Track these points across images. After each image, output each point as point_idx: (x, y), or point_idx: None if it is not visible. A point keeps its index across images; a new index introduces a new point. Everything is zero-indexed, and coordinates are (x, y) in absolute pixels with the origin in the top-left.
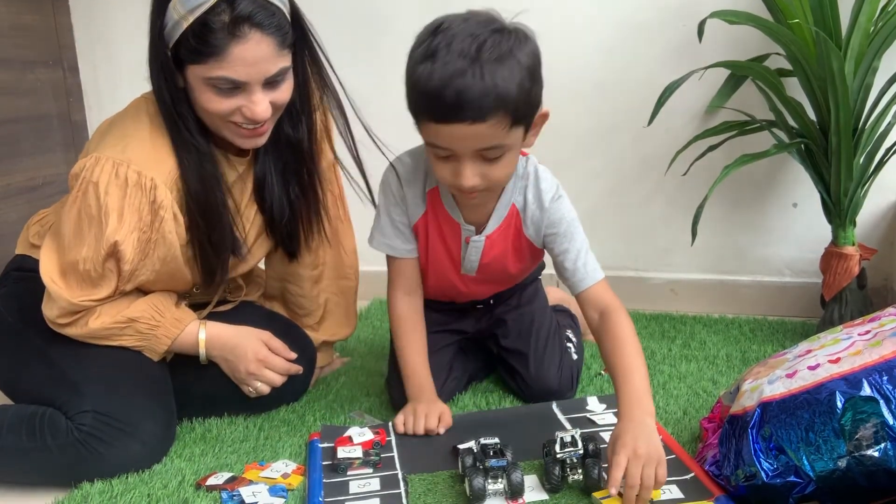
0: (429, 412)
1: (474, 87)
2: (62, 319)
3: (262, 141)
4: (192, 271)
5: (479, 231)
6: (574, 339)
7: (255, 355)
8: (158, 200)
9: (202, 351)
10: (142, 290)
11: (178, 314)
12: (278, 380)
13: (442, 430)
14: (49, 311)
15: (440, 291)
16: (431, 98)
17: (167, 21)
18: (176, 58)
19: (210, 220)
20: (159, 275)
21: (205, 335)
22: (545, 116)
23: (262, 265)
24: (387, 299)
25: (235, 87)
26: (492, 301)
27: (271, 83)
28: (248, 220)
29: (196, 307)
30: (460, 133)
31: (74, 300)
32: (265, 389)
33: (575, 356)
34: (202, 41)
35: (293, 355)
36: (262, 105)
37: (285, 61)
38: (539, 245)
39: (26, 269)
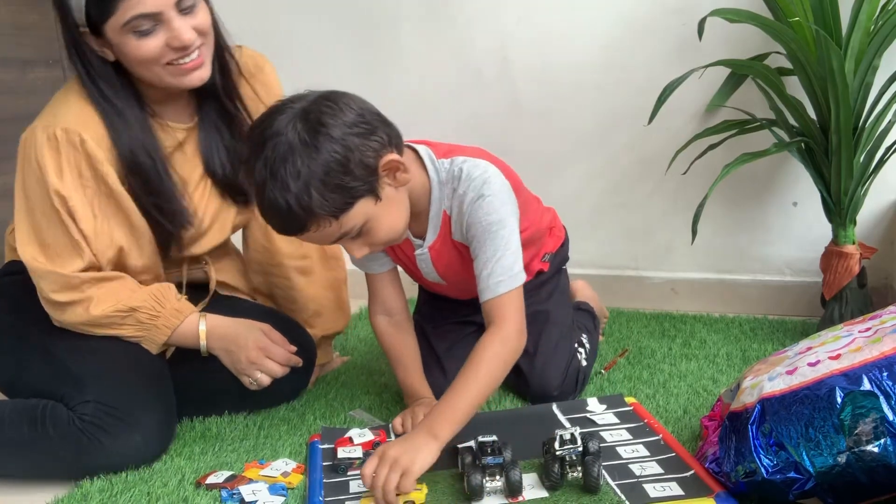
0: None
1: (280, 207)
2: (60, 296)
3: (205, 74)
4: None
5: (424, 240)
6: (587, 346)
7: (256, 344)
8: (92, 154)
9: (203, 342)
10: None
11: (179, 305)
12: (279, 370)
13: None
14: (45, 291)
15: (441, 292)
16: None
17: (70, 2)
18: (94, 28)
19: (150, 186)
20: (133, 252)
21: (205, 326)
22: (392, 164)
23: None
24: (369, 315)
25: (154, 24)
26: None
27: (185, 10)
28: (203, 192)
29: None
30: (305, 239)
31: (60, 271)
32: (266, 380)
33: (584, 363)
34: None
35: (293, 348)
36: (185, 30)
37: None
38: (469, 245)
39: (18, 272)
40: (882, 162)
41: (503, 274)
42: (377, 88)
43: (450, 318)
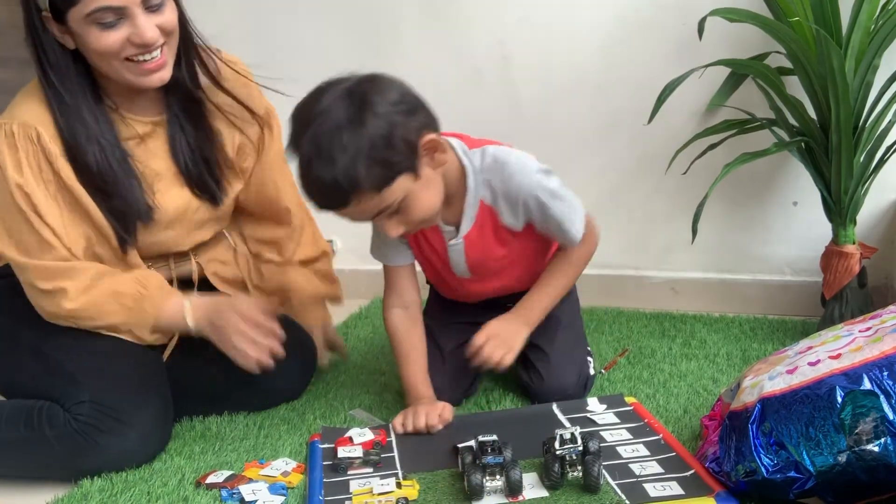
0: (428, 411)
1: (319, 190)
2: (45, 283)
3: (165, 75)
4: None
5: (457, 229)
6: (591, 359)
7: (242, 314)
8: (47, 148)
9: (189, 320)
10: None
11: (162, 285)
12: (267, 343)
13: (440, 426)
14: (28, 282)
15: (454, 295)
16: (308, 198)
17: None
18: (57, 14)
19: (100, 178)
20: (100, 245)
21: (190, 303)
22: (432, 142)
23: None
24: (382, 309)
25: (118, 18)
26: (513, 301)
27: (151, 7)
28: (168, 187)
29: None
30: (345, 214)
31: (38, 262)
32: (261, 356)
33: (592, 371)
34: None
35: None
36: (148, 28)
37: None
38: (520, 228)
39: (8, 275)
40: (882, 161)
41: (578, 224)
42: None
43: (458, 319)
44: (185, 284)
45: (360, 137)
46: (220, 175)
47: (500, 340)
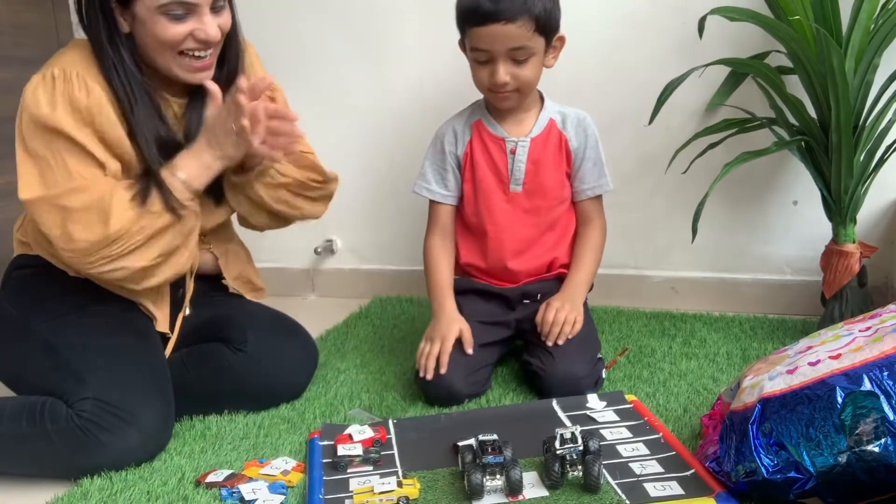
0: (445, 335)
1: None
2: (82, 214)
3: (209, 74)
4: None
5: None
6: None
7: (225, 110)
8: (89, 86)
9: (205, 156)
10: None
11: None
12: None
13: (469, 351)
14: (66, 218)
15: (491, 254)
16: (473, 8)
17: None
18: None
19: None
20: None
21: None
22: (563, 40)
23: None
24: (424, 242)
25: (186, 13)
26: (539, 297)
27: (216, 8)
28: None
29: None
30: (495, 33)
31: (61, 190)
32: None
33: (603, 373)
34: None
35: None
36: (212, 26)
37: None
38: (575, 152)
39: (25, 266)
40: (882, 160)
41: (604, 180)
42: (378, 87)
43: (483, 318)
44: (199, 278)
45: None
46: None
47: (568, 308)
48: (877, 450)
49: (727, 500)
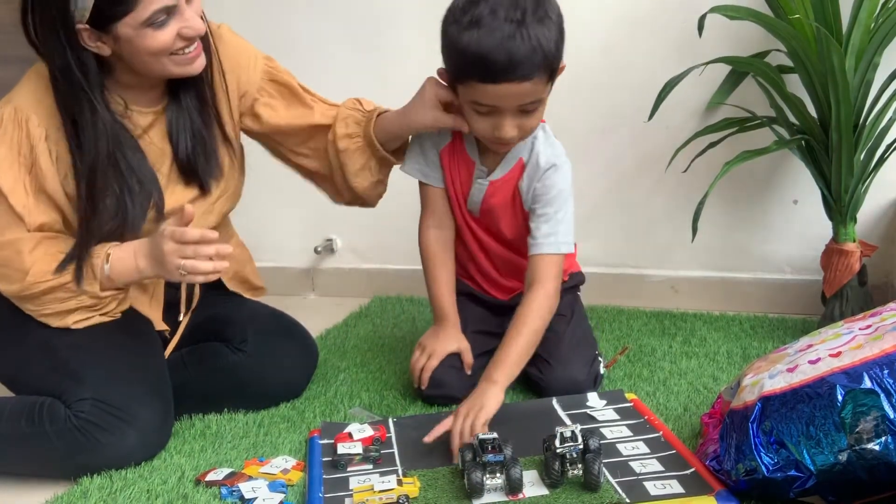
0: (435, 351)
1: (523, 49)
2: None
3: (204, 61)
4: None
5: (489, 173)
6: (601, 359)
7: (178, 237)
8: (32, 133)
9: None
10: None
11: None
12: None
13: (468, 371)
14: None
15: (464, 265)
16: (482, 62)
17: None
18: (99, 24)
19: (120, 173)
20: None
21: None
22: (563, 68)
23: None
24: (418, 231)
25: (168, 16)
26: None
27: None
28: (167, 176)
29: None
30: (508, 91)
31: None
32: (215, 265)
33: (602, 370)
34: None
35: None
36: (195, 19)
37: None
38: (527, 204)
39: None
40: (882, 159)
41: (558, 237)
42: (378, 86)
43: (474, 327)
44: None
45: (553, 23)
46: (216, 153)
47: (467, 414)
48: (877, 448)
49: (727, 499)
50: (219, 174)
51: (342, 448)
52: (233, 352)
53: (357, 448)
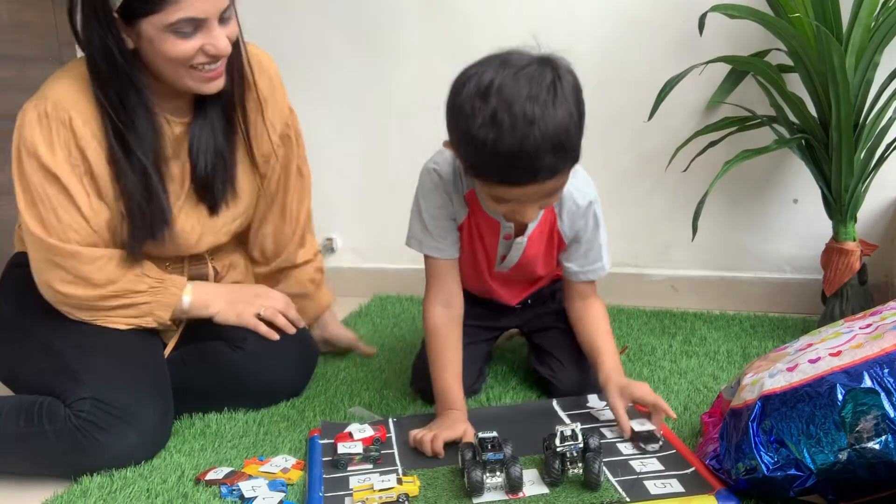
0: (437, 435)
1: (544, 149)
2: (65, 263)
3: (221, 83)
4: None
5: (517, 228)
6: None
7: (254, 291)
8: (78, 132)
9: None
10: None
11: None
12: (281, 305)
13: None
14: (48, 261)
15: (474, 287)
16: (503, 165)
17: None
18: (127, 18)
19: (138, 183)
20: (115, 233)
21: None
22: None
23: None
24: (422, 305)
25: (195, 29)
26: (529, 301)
27: (223, 19)
28: (179, 191)
29: None
30: (531, 191)
31: (62, 244)
32: (276, 318)
33: None
34: None
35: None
36: (222, 39)
37: None
38: (569, 239)
39: (25, 265)
40: (882, 159)
41: (603, 261)
42: (377, 86)
43: (472, 321)
44: None
45: (572, 108)
46: (232, 181)
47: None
48: (877, 447)
49: (727, 498)
50: (232, 199)
51: (342, 448)
52: (232, 350)
53: (357, 448)
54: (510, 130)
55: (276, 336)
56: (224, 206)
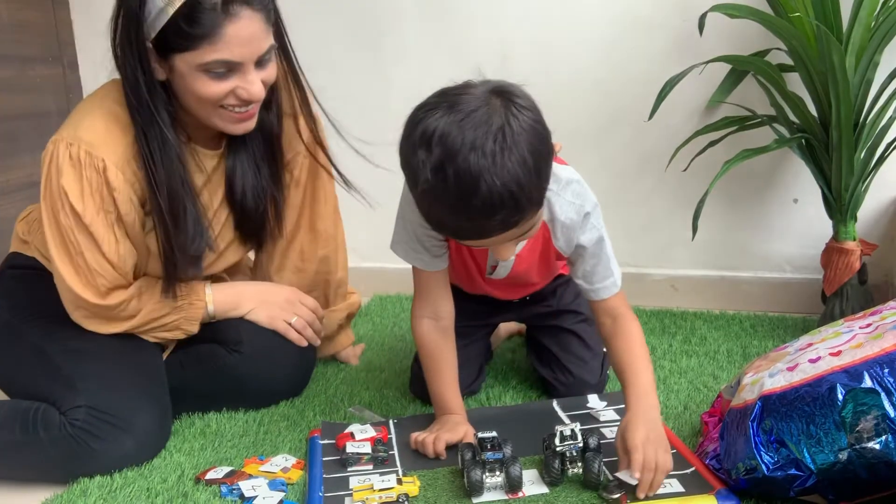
0: (438, 437)
1: (493, 206)
2: (94, 324)
3: (252, 125)
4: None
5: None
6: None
7: (286, 293)
8: (112, 183)
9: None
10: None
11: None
12: (308, 314)
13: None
14: (79, 304)
15: (472, 289)
16: (452, 228)
17: (149, 10)
18: (162, 50)
19: (174, 212)
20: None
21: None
22: (559, 148)
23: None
24: (410, 314)
25: (228, 71)
26: (528, 298)
27: (260, 62)
28: (220, 222)
29: None
30: (492, 241)
31: (93, 300)
32: (306, 330)
33: (609, 371)
34: (194, 23)
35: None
36: (256, 84)
37: (272, 38)
38: (568, 255)
39: (19, 266)
40: (883, 158)
41: (614, 274)
42: (377, 86)
43: (468, 320)
44: None
45: (525, 157)
46: (271, 212)
47: (654, 438)
48: (877, 447)
49: (727, 498)
50: (265, 236)
51: (351, 447)
52: (229, 353)
53: (366, 448)
54: (455, 188)
55: (304, 343)
56: (259, 243)
